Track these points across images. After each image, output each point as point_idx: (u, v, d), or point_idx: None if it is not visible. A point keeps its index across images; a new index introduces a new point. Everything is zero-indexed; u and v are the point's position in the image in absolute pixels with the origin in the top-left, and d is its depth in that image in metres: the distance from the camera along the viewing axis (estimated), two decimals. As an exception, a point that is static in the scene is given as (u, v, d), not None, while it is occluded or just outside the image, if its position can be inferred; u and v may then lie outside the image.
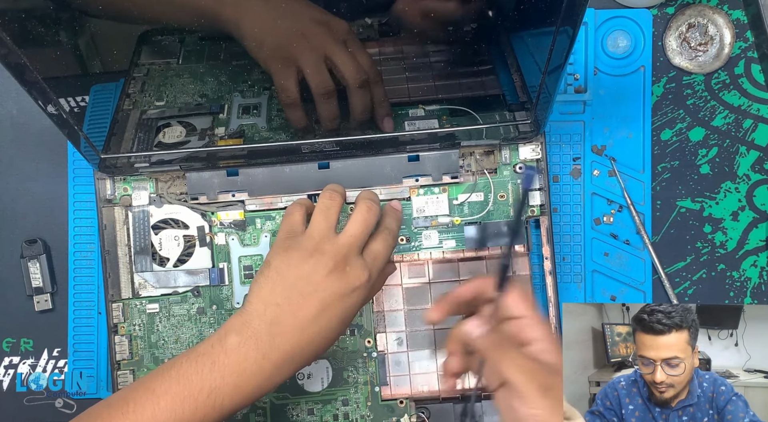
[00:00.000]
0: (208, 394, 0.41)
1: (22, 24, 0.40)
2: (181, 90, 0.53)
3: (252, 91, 0.54)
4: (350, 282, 0.44)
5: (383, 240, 0.48)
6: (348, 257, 0.45)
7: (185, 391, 0.41)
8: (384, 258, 0.48)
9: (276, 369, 0.42)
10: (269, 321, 0.43)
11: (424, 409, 0.54)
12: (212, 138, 0.54)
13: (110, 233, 0.54)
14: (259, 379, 0.42)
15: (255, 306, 0.44)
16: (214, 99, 0.53)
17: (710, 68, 0.59)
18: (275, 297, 0.44)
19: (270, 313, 0.43)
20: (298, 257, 0.45)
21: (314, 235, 0.46)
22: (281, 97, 0.50)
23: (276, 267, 0.45)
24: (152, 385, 0.41)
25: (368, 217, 0.47)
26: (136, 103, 0.53)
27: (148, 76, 0.52)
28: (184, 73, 0.52)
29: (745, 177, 0.59)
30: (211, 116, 0.54)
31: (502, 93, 0.54)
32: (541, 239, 0.55)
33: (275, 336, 0.42)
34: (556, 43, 0.42)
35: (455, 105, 0.54)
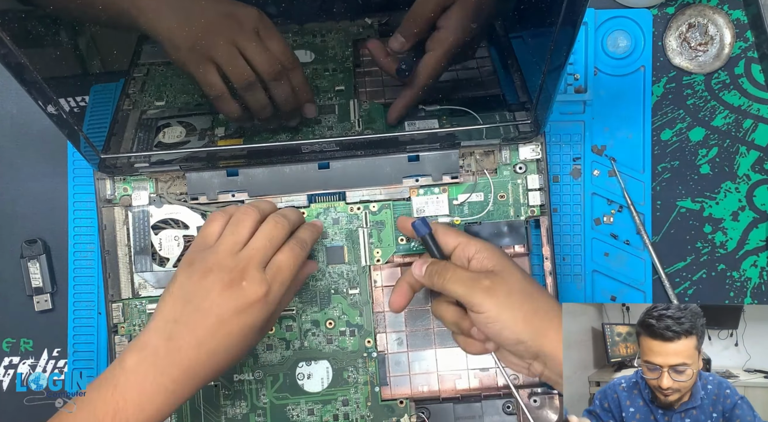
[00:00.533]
0: (112, 417, 0.41)
1: (22, 24, 0.40)
2: (181, 90, 0.53)
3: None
4: (246, 297, 0.44)
5: (290, 250, 0.47)
6: (245, 271, 0.44)
7: (91, 417, 0.41)
8: (289, 269, 0.46)
9: (177, 386, 0.42)
10: (167, 336, 0.43)
11: (424, 409, 0.54)
12: (212, 138, 0.54)
13: (110, 233, 0.54)
14: (161, 397, 0.42)
15: (156, 323, 0.44)
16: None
17: (710, 68, 0.59)
18: (174, 313, 0.43)
19: (168, 329, 0.43)
20: (199, 272, 0.44)
21: (219, 250, 0.45)
22: (208, 93, 0.49)
23: (179, 282, 0.45)
24: (60, 417, 0.42)
25: (273, 230, 0.47)
26: (136, 103, 0.53)
27: (148, 76, 0.52)
28: (184, 72, 0.51)
29: (745, 177, 0.59)
30: (210, 116, 0.54)
31: (502, 93, 0.54)
32: (541, 240, 0.55)
33: (172, 351, 0.42)
34: (556, 43, 0.42)
35: (455, 105, 0.54)
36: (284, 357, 0.54)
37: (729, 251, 0.59)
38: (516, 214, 0.55)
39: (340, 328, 0.54)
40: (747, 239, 0.59)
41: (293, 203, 0.54)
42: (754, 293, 0.59)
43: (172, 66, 0.51)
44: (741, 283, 0.59)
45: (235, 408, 0.54)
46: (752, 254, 0.59)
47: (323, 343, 0.54)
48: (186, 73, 0.47)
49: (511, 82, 0.53)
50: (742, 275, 0.59)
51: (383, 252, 0.55)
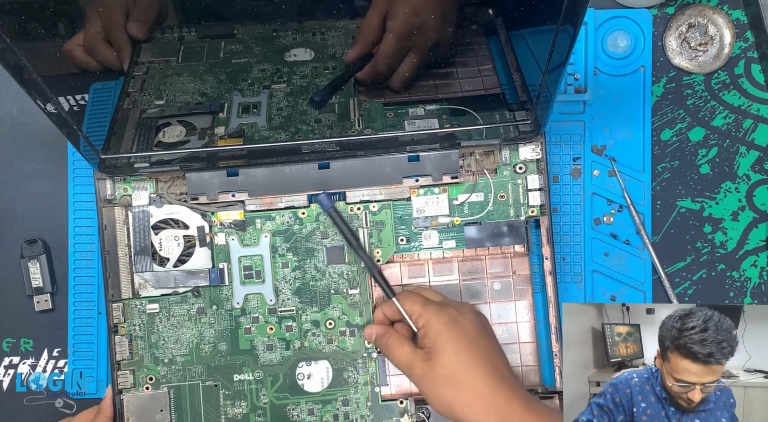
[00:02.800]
0: None
1: (20, 21, 0.40)
2: (181, 89, 0.53)
3: (252, 89, 0.53)
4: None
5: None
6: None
7: None
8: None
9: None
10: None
11: (424, 409, 0.54)
12: (212, 138, 0.54)
13: (110, 233, 0.54)
14: None
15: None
16: (213, 98, 0.53)
17: (710, 68, 0.59)
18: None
19: None
20: None
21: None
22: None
23: None
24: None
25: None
26: (135, 102, 0.53)
27: (147, 75, 0.52)
28: (183, 71, 0.51)
29: (745, 177, 0.59)
30: (210, 115, 0.54)
31: (503, 92, 0.54)
32: (541, 239, 0.55)
33: None
34: (556, 43, 0.42)
35: (455, 105, 0.54)
36: (284, 357, 0.54)
37: (729, 251, 0.59)
38: (516, 214, 0.55)
39: (340, 328, 0.54)
40: (747, 239, 0.59)
41: (293, 203, 0.54)
42: (754, 293, 0.59)
43: (171, 64, 0.51)
44: (741, 283, 0.59)
45: (235, 408, 0.54)
46: (752, 254, 0.59)
47: (323, 343, 0.54)
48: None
49: (511, 81, 0.53)
50: (742, 275, 0.59)
51: (383, 252, 0.55)
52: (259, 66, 0.51)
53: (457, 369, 0.46)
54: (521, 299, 0.55)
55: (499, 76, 0.54)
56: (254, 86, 0.54)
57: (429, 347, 0.48)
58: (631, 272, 0.58)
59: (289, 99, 0.53)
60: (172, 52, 0.51)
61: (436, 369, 0.47)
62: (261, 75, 0.53)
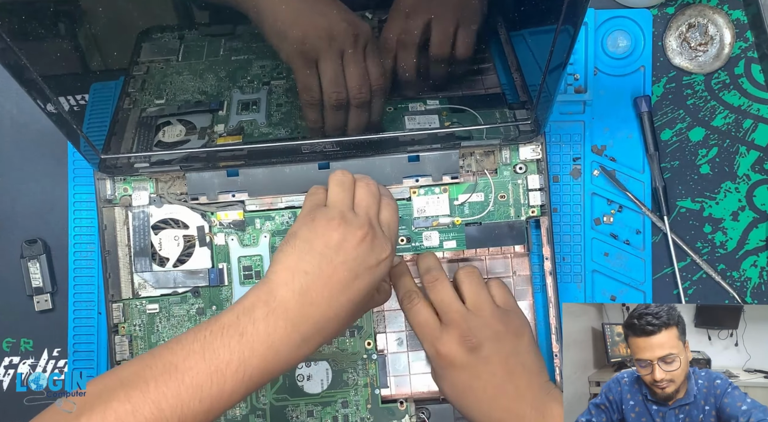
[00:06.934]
0: (236, 368, 0.39)
1: (20, 21, 0.40)
2: (181, 87, 0.53)
3: (251, 86, 0.53)
4: (378, 253, 0.43)
5: (388, 206, 0.47)
6: (373, 228, 0.44)
7: (212, 366, 0.38)
8: (396, 224, 0.47)
9: (304, 341, 0.41)
10: (298, 290, 0.41)
11: (424, 409, 0.54)
12: (212, 136, 0.54)
13: (110, 233, 0.54)
14: (287, 350, 0.40)
15: (281, 275, 0.42)
16: (213, 96, 0.53)
17: (710, 68, 0.59)
18: (303, 266, 0.42)
19: (298, 282, 0.41)
20: (325, 225, 0.43)
21: (337, 205, 0.44)
22: (303, 95, 0.48)
23: (303, 237, 0.43)
24: (173, 360, 0.39)
25: (371, 188, 0.46)
26: (136, 102, 0.53)
27: (148, 75, 0.52)
28: (183, 70, 0.51)
29: (745, 177, 0.59)
30: (210, 114, 0.54)
31: (503, 92, 0.54)
32: (541, 240, 0.55)
33: (305, 305, 0.41)
34: (556, 43, 0.42)
35: (455, 104, 0.54)
36: (284, 357, 0.54)
37: (729, 251, 0.59)
38: (516, 214, 0.55)
39: (340, 328, 0.54)
40: (747, 239, 0.59)
41: (293, 203, 0.54)
42: (754, 293, 0.59)
43: (172, 63, 0.51)
44: (741, 283, 0.59)
45: (235, 409, 0.54)
46: (752, 254, 0.59)
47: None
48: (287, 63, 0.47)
49: (511, 81, 0.53)
50: (742, 275, 0.59)
51: (383, 252, 0.55)
52: (259, 62, 0.51)
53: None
54: (521, 300, 0.55)
55: (500, 76, 0.54)
56: (254, 83, 0.53)
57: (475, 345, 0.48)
58: (631, 273, 0.58)
59: (288, 95, 0.53)
60: (172, 51, 0.51)
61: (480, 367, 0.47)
62: (260, 71, 0.53)
